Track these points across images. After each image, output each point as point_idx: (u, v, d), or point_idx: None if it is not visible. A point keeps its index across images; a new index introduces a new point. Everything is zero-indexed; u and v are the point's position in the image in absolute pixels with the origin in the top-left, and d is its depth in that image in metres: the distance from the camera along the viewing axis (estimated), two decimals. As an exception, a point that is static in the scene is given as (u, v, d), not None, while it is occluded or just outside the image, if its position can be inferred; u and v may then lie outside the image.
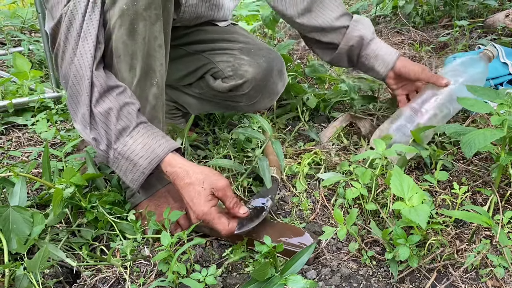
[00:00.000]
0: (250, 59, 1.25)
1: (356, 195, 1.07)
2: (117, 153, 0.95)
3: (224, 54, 1.29)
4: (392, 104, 1.57)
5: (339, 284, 0.92)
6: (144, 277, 0.95)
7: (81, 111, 0.96)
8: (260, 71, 1.24)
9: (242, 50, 1.28)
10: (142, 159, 0.94)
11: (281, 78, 1.32)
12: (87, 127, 0.96)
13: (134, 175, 0.96)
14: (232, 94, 1.29)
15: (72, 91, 0.96)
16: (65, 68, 0.97)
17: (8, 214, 0.96)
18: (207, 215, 0.93)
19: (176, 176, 0.95)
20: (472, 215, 0.93)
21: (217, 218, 0.94)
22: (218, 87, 1.28)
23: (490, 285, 0.93)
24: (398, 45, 2.57)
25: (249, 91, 1.26)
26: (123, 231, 1.04)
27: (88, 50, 0.93)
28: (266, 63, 1.25)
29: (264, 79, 1.26)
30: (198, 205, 0.93)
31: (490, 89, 1.06)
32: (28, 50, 2.23)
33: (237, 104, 1.34)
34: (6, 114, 1.67)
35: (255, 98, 1.30)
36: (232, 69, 1.26)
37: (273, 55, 1.29)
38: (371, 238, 1.03)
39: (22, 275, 0.90)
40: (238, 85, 1.25)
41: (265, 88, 1.28)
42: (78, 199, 1.02)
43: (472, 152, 0.92)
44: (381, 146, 1.09)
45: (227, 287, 0.92)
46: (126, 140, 0.94)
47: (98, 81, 0.94)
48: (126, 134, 0.95)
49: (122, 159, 0.95)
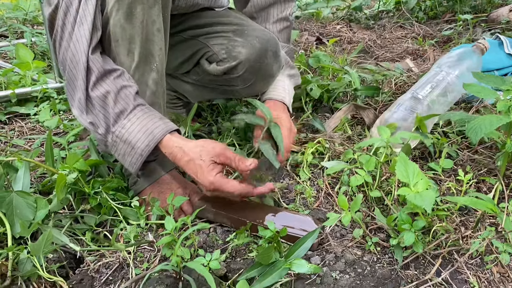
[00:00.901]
0: (244, 40, 1.22)
1: (360, 182, 1.06)
2: (115, 136, 0.95)
3: (218, 37, 1.26)
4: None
5: (343, 269, 0.92)
6: (148, 262, 0.95)
7: (77, 95, 0.95)
8: (254, 52, 1.21)
9: (236, 32, 1.25)
10: (139, 142, 0.93)
11: (276, 60, 1.28)
12: (83, 112, 0.96)
13: (132, 158, 0.95)
14: (227, 77, 1.26)
15: (69, 77, 0.96)
16: (63, 53, 0.97)
17: (11, 198, 0.96)
18: (214, 183, 0.93)
19: (174, 156, 0.95)
20: (478, 201, 0.92)
21: (225, 182, 0.94)
22: (213, 71, 1.26)
23: (495, 272, 0.93)
24: (401, 39, 2.56)
25: (243, 73, 1.23)
26: (127, 217, 1.04)
27: (83, 35, 0.93)
28: (260, 44, 1.22)
29: (258, 60, 1.23)
30: (203, 177, 0.93)
31: (496, 76, 1.05)
32: (31, 41, 2.23)
33: (233, 88, 1.31)
34: (9, 104, 1.66)
35: (250, 80, 1.27)
36: (226, 51, 1.23)
37: (267, 36, 1.25)
38: (375, 225, 1.03)
39: (25, 259, 0.89)
40: (232, 67, 1.22)
41: (260, 69, 1.25)
42: (81, 185, 1.01)
43: (478, 137, 0.91)
44: (386, 133, 1.08)
45: (231, 272, 0.92)
46: (124, 123, 0.94)
47: (94, 66, 0.94)
48: (123, 117, 0.94)
49: (120, 142, 0.95)
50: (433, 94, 1.35)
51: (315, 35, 2.54)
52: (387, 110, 1.38)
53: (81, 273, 0.93)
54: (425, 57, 2.21)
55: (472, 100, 1.52)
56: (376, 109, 1.51)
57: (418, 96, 1.35)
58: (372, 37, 2.60)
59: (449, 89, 1.37)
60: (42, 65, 1.85)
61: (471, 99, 1.53)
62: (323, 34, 2.64)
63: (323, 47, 2.28)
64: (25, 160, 1.01)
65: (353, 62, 2.08)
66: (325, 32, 2.71)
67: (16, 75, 1.82)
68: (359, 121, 1.51)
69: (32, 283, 0.89)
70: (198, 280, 0.88)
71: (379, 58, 2.26)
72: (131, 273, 0.92)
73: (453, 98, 1.40)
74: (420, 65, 2.06)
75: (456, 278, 0.91)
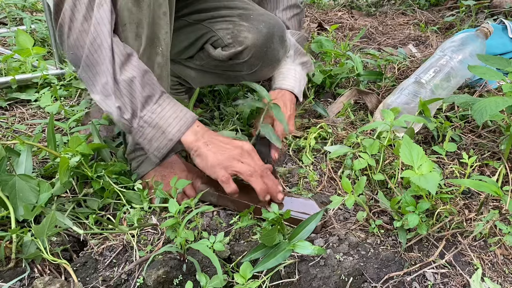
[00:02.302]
0: (250, 25, 1.21)
1: (363, 165, 1.06)
2: (143, 121, 0.94)
3: (223, 21, 1.24)
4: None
5: (347, 251, 0.92)
6: (152, 244, 0.95)
7: (102, 80, 0.92)
8: (260, 37, 1.20)
9: (242, 17, 1.23)
10: (170, 126, 0.94)
11: (282, 45, 1.27)
12: (110, 96, 0.92)
13: (160, 142, 0.95)
14: (233, 63, 1.25)
15: (89, 61, 0.92)
16: (76, 37, 0.92)
17: (14, 182, 0.95)
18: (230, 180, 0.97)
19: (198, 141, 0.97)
20: (482, 184, 0.92)
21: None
22: (218, 56, 1.24)
23: (499, 254, 0.93)
24: (403, 25, 2.54)
25: (249, 59, 1.22)
26: (130, 200, 1.04)
27: (105, 17, 0.89)
28: (266, 29, 1.20)
29: (265, 45, 1.22)
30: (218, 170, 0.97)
31: (501, 57, 1.04)
32: (30, 28, 2.21)
33: (238, 73, 1.30)
34: (9, 90, 1.65)
35: (255, 66, 1.25)
36: (232, 36, 1.21)
37: (273, 21, 1.23)
38: (379, 208, 1.03)
39: (29, 242, 0.89)
40: (238, 52, 1.21)
41: (266, 55, 1.24)
42: (84, 169, 1.01)
43: (484, 119, 0.91)
44: (390, 116, 1.08)
45: (234, 254, 0.92)
46: (154, 108, 0.94)
47: (118, 49, 0.91)
48: (152, 102, 0.94)
49: (148, 127, 0.94)
50: (436, 79, 1.35)
51: (317, 22, 2.51)
52: (390, 94, 1.37)
53: (85, 256, 0.93)
54: (427, 43, 2.20)
55: (475, 85, 1.51)
56: (379, 94, 1.50)
57: (421, 81, 1.35)
58: (373, 23, 2.58)
59: (452, 74, 1.36)
60: (42, 51, 1.84)
61: (474, 84, 1.52)
62: (324, 20, 2.62)
63: (325, 33, 2.26)
64: (27, 143, 1.01)
65: (355, 48, 2.07)
66: (326, 19, 2.68)
67: (16, 62, 1.80)
68: (362, 106, 1.50)
69: (36, 266, 0.89)
70: (202, 262, 0.88)
71: (381, 44, 2.24)
72: (135, 255, 0.92)
73: (456, 83, 1.40)
74: (423, 51, 2.04)
75: (459, 260, 0.92)
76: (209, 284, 0.80)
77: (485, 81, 1.49)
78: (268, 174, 1.00)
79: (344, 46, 1.78)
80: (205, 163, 0.97)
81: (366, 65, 1.74)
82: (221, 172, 0.96)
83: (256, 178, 0.96)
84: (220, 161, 0.96)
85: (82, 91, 1.66)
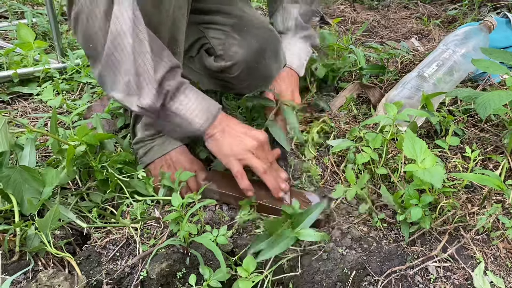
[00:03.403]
0: (241, 38, 1.16)
1: (366, 159, 1.06)
2: (171, 112, 0.94)
3: (216, 30, 1.20)
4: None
5: (349, 245, 0.92)
6: (155, 238, 0.95)
7: (125, 78, 0.88)
8: (251, 53, 1.15)
9: (234, 27, 1.18)
10: (197, 117, 0.94)
11: (276, 60, 1.21)
12: (133, 94, 0.89)
13: (187, 132, 0.96)
14: (223, 76, 1.22)
15: (110, 61, 0.88)
16: (94, 31, 0.87)
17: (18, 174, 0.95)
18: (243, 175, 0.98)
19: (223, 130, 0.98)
20: (485, 178, 0.92)
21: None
22: (211, 66, 1.21)
23: (502, 247, 0.93)
24: (406, 19, 2.53)
25: (238, 74, 1.18)
26: (135, 187, 1.04)
27: (126, 16, 0.83)
28: (258, 44, 1.15)
29: (255, 61, 1.16)
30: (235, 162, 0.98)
31: (505, 51, 1.04)
32: (32, 22, 2.20)
33: (230, 85, 1.27)
34: (11, 84, 1.65)
35: (245, 81, 1.22)
36: (223, 48, 1.17)
37: (267, 34, 1.18)
38: (381, 202, 1.03)
39: (33, 235, 0.90)
40: (227, 67, 1.17)
41: (257, 71, 1.19)
42: (88, 159, 1.01)
43: (487, 112, 0.90)
44: (393, 110, 1.07)
45: (237, 248, 0.92)
46: (181, 99, 0.93)
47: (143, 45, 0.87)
48: (179, 93, 0.94)
49: (175, 117, 0.94)
50: (439, 73, 1.34)
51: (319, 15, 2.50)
52: (392, 88, 1.37)
53: (88, 249, 0.94)
54: (430, 37, 2.19)
55: (478, 79, 1.51)
56: (382, 88, 1.50)
57: (424, 75, 1.34)
58: (376, 17, 2.57)
59: (455, 68, 1.36)
60: (44, 45, 1.83)
61: (477, 78, 1.51)
62: (326, 14, 2.60)
63: (327, 27, 2.25)
64: (35, 130, 1.00)
65: (357, 41, 2.06)
66: (328, 12, 2.67)
67: (18, 55, 1.80)
68: (365, 100, 1.50)
69: (40, 259, 0.89)
70: (205, 255, 0.89)
71: (384, 38, 2.23)
72: (138, 249, 0.92)
73: (459, 77, 1.39)
74: (425, 45, 2.03)
75: (462, 254, 0.92)
76: (212, 277, 0.81)
77: (488, 75, 1.48)
78: (274, 169, 0.99)
79: (347, 39, 1.78)
80: (218, 149, 0.97)
81: (368, 59, 1.73)
82: (235, 165, 0.96)
83: (269, 175, 0.97)
84: (235, 152, 0.96)
85: (84, 85, 1.66)
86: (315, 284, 0.85)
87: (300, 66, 1.30)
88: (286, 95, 1.20)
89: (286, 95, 1.20)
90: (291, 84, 1.25)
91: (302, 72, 1.31)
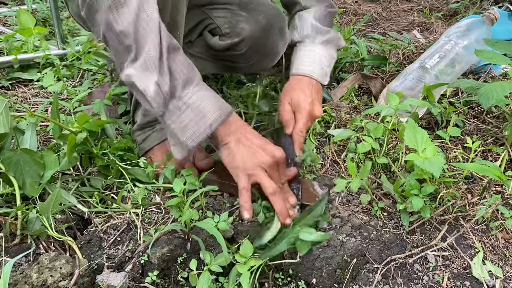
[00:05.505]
0: (248, 15, 1.15)
1: (367, 149, 1.06)
2: (182, 103, 0.84)
3: (222, 9, 1.20)
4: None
5: (349, 233, 0.93)
6: (156, 223, 0.96)
7: (145, 53, 0.81)
8: (258, 29, 1.15)
9: (241, 5, 1.18)
10: (210, 112, 0.85)
11: (282, 37, 1.20)
12: (152, 71, 0.82)
13: (199, 127, 0.85)
14: (230, 54, 1.20)
15: (131, 32, 0.81)
16: (113, 12, 0.81)
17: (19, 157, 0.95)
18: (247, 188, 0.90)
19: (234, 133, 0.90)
20: (485, 168, 0.92)
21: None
22: (215, 45, 1.19)
23: (500, 237, 0.94)
24: (407, 12, 2.53)
25: (246, 51, 1.17)
26: (135, 175, 1.04)
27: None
28: (265, 20, 1.15)
29: (263, 37, 1.16)
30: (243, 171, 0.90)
31: (508, 42, 1.04)
32: (31, 8, 2.19)
33: (236, 64, 1.26)
34: (11, 70, 1.64)
35: (253, 58, 1.21)
36: (229, 26, 1.17)
37: (273, 12, 1.18)
38: (381, 191, 1.03)
39: (34, 218, 0.90)
40: (234, 44, 1.16)
41: (264, 47, 1.19)
42: (89, 145, 1.01)
43: (490, 103, 0.90)
44: (395, 100, 1.08)
45: (238, 234, 0.93)
46: (196, 90, 0.85)
47: (162, 25, 0.83)
48: (193, 85, 0.85)
49: (187, 109, 0.84)
50: (441, 64, 1.34)
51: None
52: (394, 79, 1.37)
53: (89, 233, 0.94)
54: (431, 29, 2.18)
55: (480, 71, 1.51)
56: (383, 79, 1.49)
57: (425, 66, 1.34)
58: (377, 9, 2.56)
59: (457, 60, 1.36)
60: (44, 31, 1.82)
61: (479, 70, 1.51)
62: (328, 5, 2.59)
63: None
64: (35, 115, 1.00)
65: (359, 33, 2.06)
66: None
67: (18, 41, 1.79)
68: (366, 91, 1.50)
69: (41, 242, 0.90)
70: (206, 241, 0.89)
71: (386, 30, 2.23)
72: (139, 234, 0.92)
73: (461, 69, 1.39)
74: (427, 38, 2.03)
75: (461, 243, 0.92)
76: (213, 261, 0.81)
77: (490, 67, 1.48)
78: (284, 192, 0.93)
79: (348, 30, 1.77)
80: (230, 160, 0.89)
81: (370, 50, 1.73)
82: (243, 180, 0.88)
83: (278, 198, 0.88)
84: (246, 166, 0.88)
85: (85, 72, 1.65)
86: (315, 270, 0.86)
87: (323, 74, 1.20)
88: (304, 108, 1.11)
89: (304, 108, 1.11)
90: (311, 94, 1.15)
91: (325, 80, 1.21)
